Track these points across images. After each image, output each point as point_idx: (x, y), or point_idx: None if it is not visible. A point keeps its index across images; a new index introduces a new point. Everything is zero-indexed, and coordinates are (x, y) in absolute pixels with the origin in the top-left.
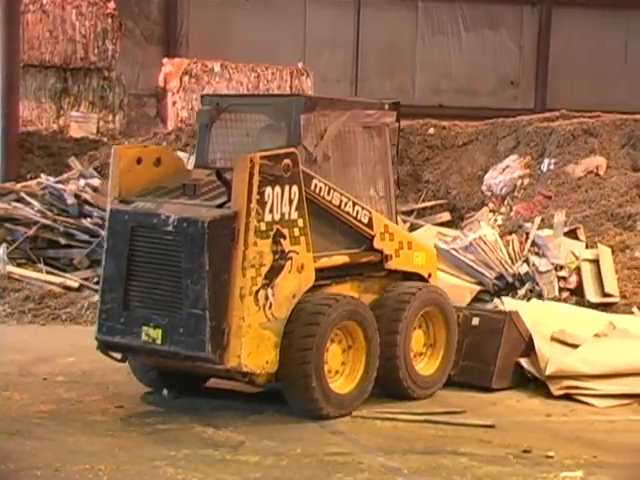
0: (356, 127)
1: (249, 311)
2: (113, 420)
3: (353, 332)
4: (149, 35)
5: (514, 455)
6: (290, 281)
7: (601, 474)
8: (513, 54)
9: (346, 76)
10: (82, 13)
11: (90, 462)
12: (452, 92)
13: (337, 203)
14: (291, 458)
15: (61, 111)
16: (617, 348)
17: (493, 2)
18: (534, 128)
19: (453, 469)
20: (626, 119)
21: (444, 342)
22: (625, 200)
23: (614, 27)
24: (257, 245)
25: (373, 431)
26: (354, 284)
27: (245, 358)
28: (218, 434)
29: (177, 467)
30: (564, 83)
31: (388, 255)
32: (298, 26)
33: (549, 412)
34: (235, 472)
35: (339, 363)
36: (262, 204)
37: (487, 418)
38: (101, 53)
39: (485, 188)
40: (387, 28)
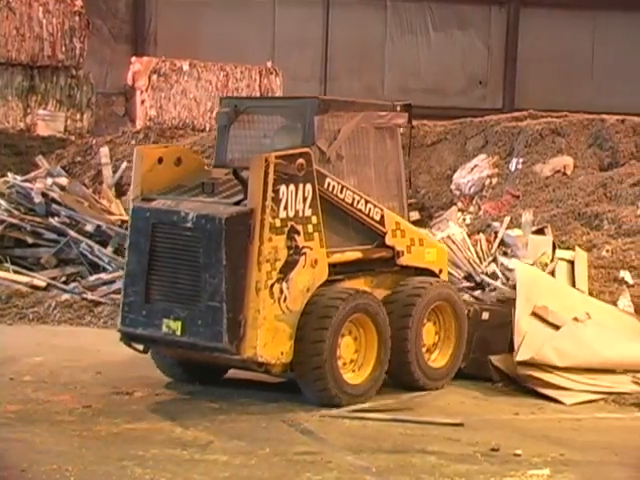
0: (369, 128)
1: (264, 304)
2: (81, 420)
3: (365, 325)
4: (117, 33)
5: (482, 453)
6: (304, 275)
7: (568, 472)
8: (481, 54)
9: (315, 75)
10: (49, 11)
11: (57, 462)
12: (421, 92)
13: (350, 201)
14: (260, 457)
15: (28, 109)
16: (591, 341)
17: (461, 2)
18: (502, 128)
19: (421, 468)
20: (593, 119)
21: (454, 336)
22: (592, 200)
23: (581, 27)
24: (272, 241)
25: (342, 430)
26: (367, 279)
27: (261, 349)
28: (186, 434)
29: (145, 467)
30: (532, 83)
31: (400, 251)
32: (267, 25)
33: (517, 411)
34: (204, 472)
35: (352, 355)
36: (277, 201)
37: (455, 416)
38: (69, 51)
39: (454, 187)
40: (356, 28)
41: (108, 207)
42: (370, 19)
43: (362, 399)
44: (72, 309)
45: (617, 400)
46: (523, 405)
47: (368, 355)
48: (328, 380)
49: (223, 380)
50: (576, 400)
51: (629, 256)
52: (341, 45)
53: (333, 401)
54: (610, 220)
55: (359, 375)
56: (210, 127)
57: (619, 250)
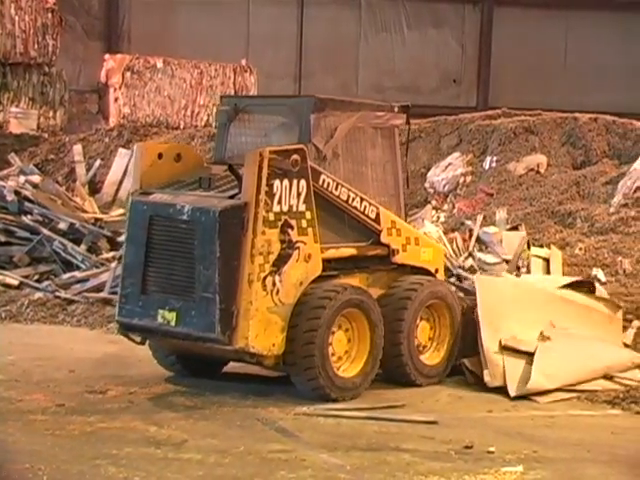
0: (366, 128)
1: (257, 296)
2: (54, 419)
3: (358, 320)
4: (90, 30)
5: (456, 451)
6: (297, 269)
7: (541, 469)
8: (455, 52)
9: (289, 73)
10: (21, 7)
11: (30, 461)
12: (395, 90)
13: (345, 198)
14: (234, 456)
15: (0, 107)
16: (569, 354)
17: (436, 1)
18: (476, 126)
19: (396, 465)
20: (566, 117)
21: (449, 334)
22: (565, 198)
23: (554, 27)
24: (265, 234)
25: (316, 428)
26: (362, 276)
27: (252, 340)
28: (160, 432)
29: (119, 466)
30: (505, 81)
31: (395, 249)
32: (241, 23)
33: (490, 408)
34: (177, 470)
35: (344, 349)
36: (270, 196)
37: (429, 414)
38: (41, 48)
39: (428, 185)
40: (330, 26)
41: (81, 205)
42: (344, 17)
43: (352, 393)
44: (45, 307)
45: (589, 397)
46: (497, 403)
47: (361, 350)
48: (319, 372)
49: (206, 376)
50: (550, 399)
51: (602, 254)
52: (315, 43)
53: (322, 392)
54: (583, 218)
55: (351, 369)
56: (184, 125)
57: (592, 248)
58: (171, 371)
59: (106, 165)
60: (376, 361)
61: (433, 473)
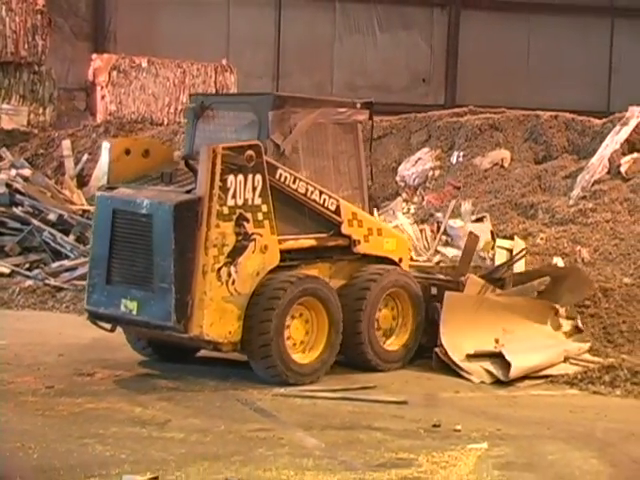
0: (328, 123)
1: (211, 286)
2: (44, 400)
3: (316, 309)
4: (78, 31)
5: (425, 429)
6: (254, 260)
7: (504, 445)
8: (424, 53)
9: (268, 73)
10: (12, 9)
11: (21, 440)
12: (367, 88)
13: (303, 191)
14: (215, 434)
15: None
16: (528, 349)
17: (406, 4)
18: (444, 123)
19: (368, 443)
20: (528, 115)
21: (411, 322)
22: (527, 191)
23: (517, 29)
24: (219, 227)
25: (293, 408)
26: (325, 266)
27: (207, 328)
28: (145, 413)
29: (105, 444)
30: (472, 81)
31: (356, 240)
32: (222, 24)
33: (457, 389)
34: (161, 449)
35: (302, 336)
36: (224, 190)
37: (399, 395)
38: (31, 48)
39: (399, 179)
40: (306, 28)
41: (70, 197)
42: (320, 20)
43: (310, 378)
44: (35, 294)
45: (550, 379)
46: (463, 384)
47: (319, 337)
48: (275, 359)
49: (180, 360)
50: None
51: (562, 243)
52: (292, 44)
53: (280, 378)
54: (544, 210)
55: (308, 356)
56: (168, 121)
57: (552, 238)
58: (144, 356)
59: (93, 159)
60: (334, 347)
61: (403, 450)
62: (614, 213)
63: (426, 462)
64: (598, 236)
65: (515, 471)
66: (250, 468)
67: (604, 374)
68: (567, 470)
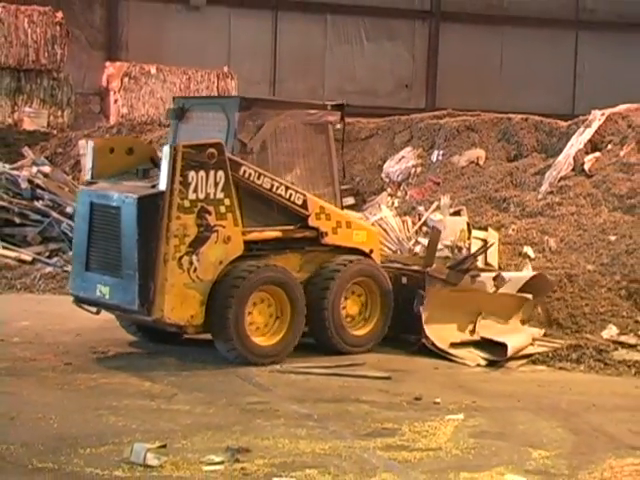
0: (299, 124)
1: (172, 273)
2: (62, 375)
3: (278, 295)
4: (93, 41)
5: (407, 402)
6: (216, 250)
7: (479, 416)
8: (407, 62)
9: (265, 78)
10: (34, 21)
11: (42, 412)
12: (355, 93)
13: (268, 187)
14: (218, 407)
15: (16, 107)
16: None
17: (390, 17)
18: (425, 124)
19: (356, 414)
20: (501, 118)
21: (379, 309)
22: (500, 186)
23: (491, 40)
24: (180, 219)
25: (288, 383)
26: (295, 256)
27: (168, 312)
28: (154, 387)
29: (118, 415)
30: (450, 86)
31: (324, 232)
32: (223, 35)
33: (437, 366)
34: (169, 419)
35: (265, 320)
36: (185, 185)
37: (385, 371)
38: (51, 56)
39: (384, 175)
40: (300, 38)
41: None
42: (312, 31)
43: (272, 359)
44: (55, 280)
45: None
46: (442, 362)
47: (282, 321)
48: (235, 342)
49: (168, 342)
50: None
51: (531, 234)
52: (287, 53)
53: (242, 359)
54: (515, 204)
55: (270, 339)
56: None
57: (523, 229)
58: (134, 336)
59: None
60: (297, 331)
61: (388, 421)
62: (578, 206)
63: (408, 431)
64: (564, 227)
65: (489, 439)
66: (249, 437)
67: (571, 352)
68: (535, 438)
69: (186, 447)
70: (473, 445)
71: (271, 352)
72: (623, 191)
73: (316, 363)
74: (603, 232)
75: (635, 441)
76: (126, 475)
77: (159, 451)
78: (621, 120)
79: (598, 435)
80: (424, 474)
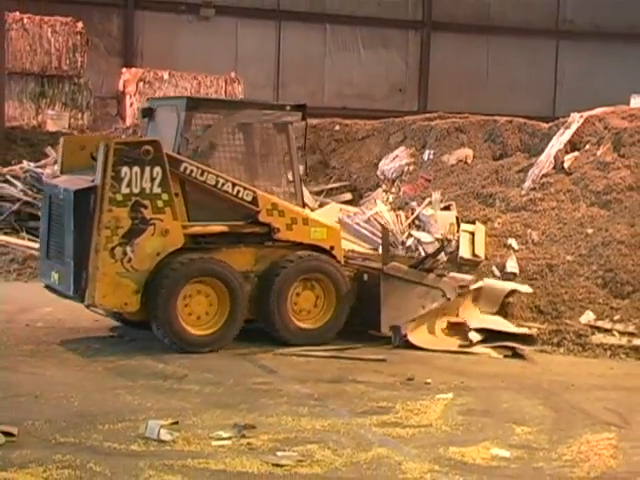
0: (256, 124)
1: (103, 262)
2: (82, 358)
3: (218, 287)
4: (111, 49)
5: (400, 382)
6: (153, 242)
7: (466, 395)
8: (401, 68)
9: (269, 83)
10: (56, 31)
11: (64, 391)
12: (353, 97)
13: (213, 183)
14: (225, 387)
15: (39, 110)
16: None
17: (385, 26)
18: (417, 126)
19: (353, 394)
20: (488, 120)
21: (333, 304)
22: (487, 183)
23: (478, 48)
24: (112, 211)
25: (291, 365)
26: (250, 251)
27: (100, 298)
28: (167, 368)
29: (134, 395)
30: (440, 91)
31: (276, 228)
32: (231, 43)
33: (426, 350)
34: (181, 398)
35: (205, 310)
36: (118, 180)
37: (380, 354)
38: (72, 63)
39: (379, 173)
40: (302, 46)
41: None
42: (313, 39)
43: (209, 347)
44: None
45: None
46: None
47: (221, 312)
48: (166, 329)
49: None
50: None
51: (515, 227)
52: (290, 59)
53: (175, 346)
54: (501, 199)
55: (206, 329)
56: None
57: (507, 223)
58: (117, 321)
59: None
60: (236, 322)
61: (383, 400)
62: (558, 202)
63: (402, 409)
64: (545, 221)
65: (475, 416)
66: (255, 415)
67: (553, 337)
68: (518, 415)
69: (196, 424)
70: (461, 422)
71: (209, 341)
72: (600, 188)
73: (316, 347)
74: (581, 225)
75: (610, 418)
76: (141, 449)
77: (172, 427)
78: (598, 122)
79: (576, 412)
80: (416, 449)
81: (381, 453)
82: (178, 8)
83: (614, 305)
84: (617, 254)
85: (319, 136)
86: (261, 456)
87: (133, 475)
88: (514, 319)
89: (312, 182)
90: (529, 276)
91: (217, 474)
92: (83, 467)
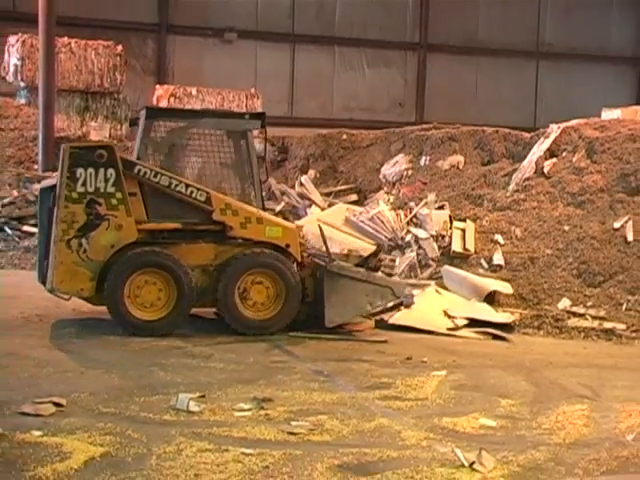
0: (215, 132)
1: (60, 253)
2: (121, 339)
3: (163, 277)
4: (146, 68)
5: (400, 361)
6: (107, 235)
7: (458, 372)
8: (400, 84)
9: (285, 98)
10: (99, 53)
11: (105, 367)
12: (358, 110)
13: (166, 184)
14: (246, 365)
15: (84, 122)
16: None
17: (387, 48)
18: (415, 135)
19: (358, 371)
20: (477, 130)
21: (283, 297)
22: (476, 185)
23: (468, 67)
24: (69, 207)
25: (304, 346)
26: (209, 246)
27: (57, 284)
28: (195, 349)
29: (166, 371)
30: (435, 104)
31: (229, 226)
32: (251, 63)
33: (422, 333)
34: (207, 374)
35: (155, 298)
36: (73, 180)
37: (382, 337)
38: (112, 81)
39: (381, 177)
40: (313, 65)
41: None
42: (323, 59)
43: (158, 332)
44: None
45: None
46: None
47: (169, 301)
48: (117, 314)
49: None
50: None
51: (501, 225)
52: (303, 77)
53: (126, 331)
54: (488, 200)
55: (155, 315)
56: None
57: (494, 220)
58: None
59: None
60: (182, 310)
61: (384, 376)
62: (539, 202)
63: (401, 385)
64: (527, 219)
65: (466, 391)
66: (272, 389)
67: (534, 321)
68: (504, 389)
69: (221, 397)
70: (453, 396)
71: (157, 326)
72: (575, 190)
73: (326, 330)
74: (559, 223)
75: (583, 391)
76: (173, 419)
77: (199, 400)
78: (573, 132)
79: (554, 387)
80: (414, 419)
81: (383, 423)
82: (205, 33)
83: (587, 293)
84: (590, 248)
85: (328, 144)
86: (277, 425)
87: (166, 441)
88: (500, 305)
89: (322, 185)
90: (513, 268)
91: (239, 441)
92: (122, 434)
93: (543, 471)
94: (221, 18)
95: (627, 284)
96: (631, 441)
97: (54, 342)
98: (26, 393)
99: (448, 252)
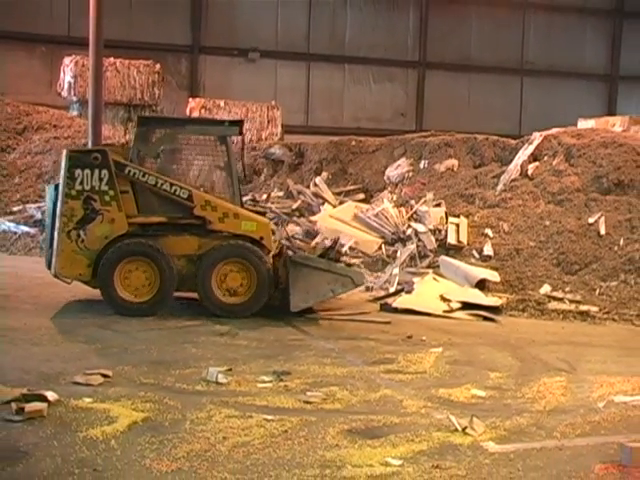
0: (198, 137)
1: (62, 242)
2: (159, 320)
3: (149, 265)
4: (180, 84)
5: (402, 339)
6: (102, 228)
7: (453, 349)
8: (402, 97)
9: (301, 109)
10: (140, 71)
11: (145, 344)
12: (366, 119)
13: (153, 183)
14: (267, 342)
15: (127, 131)
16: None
17: (390, 65)
18: (415, 142)
19: (365, 348)
20: (469, 137)
21: (254, 285)
22: (469, 186)
23: (462, 82)
24: (68, 203)
25: (318, 326)
26: (193, 239)
27: (59, 269)
28: (222, 328)
29: (197, 348)
30: (433, 115)
31: (209, 220)
32: (271, 78)
33: (420, 316)
34: (233, 351)
35: (142, 282)
36: (72, 179)
37: (386, 318)
38: (151, 95)
39: (386, 178)
40: (326, 80)
41: None
42: (335, 75)
43: (144, 312)
44: None
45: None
46: (423, 315)
47: (154, 285)
48: (107, 296)
49: None
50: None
51: (491, 220)
52: (317, 91)
53: (115, 310)
54: (479, 198)
55: (139, 297)
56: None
57: (485, 216)
58: None
59: None
60: (166, 294)
61: (388, 352)
62: (524, 200)
63: (403, 360)
64: (513, 215)
65: (460, 365)
66: (290, 364)
67: (519, 304)
68: (492, 364)
69: (245, 370)
70: (448, 370)
71: (144, 307)
72: (555, 189)
73: (337, 312)
74: (541, 219)
75: (561, 365)
76: (204, 389)
77: (227, 373)
78: (553, 139)
79: (536, 362)
80: (414, 390)
81: (387, 393)
82: (231, 53)
83: (565, 280)
84: (568, 241)
85: (339, 150)
86: (294, 395)
87: (198, 408)
88: (489, 291)
89: (334, 185)
90: (501, 258)
91: (261, 408)
92: (160, 401)
93: (526, 434)
94: (246, 40)
95: (600, 272)
96: (602, 408)
97: (101, 321)
98: (78, 366)
99: (444, 244)
